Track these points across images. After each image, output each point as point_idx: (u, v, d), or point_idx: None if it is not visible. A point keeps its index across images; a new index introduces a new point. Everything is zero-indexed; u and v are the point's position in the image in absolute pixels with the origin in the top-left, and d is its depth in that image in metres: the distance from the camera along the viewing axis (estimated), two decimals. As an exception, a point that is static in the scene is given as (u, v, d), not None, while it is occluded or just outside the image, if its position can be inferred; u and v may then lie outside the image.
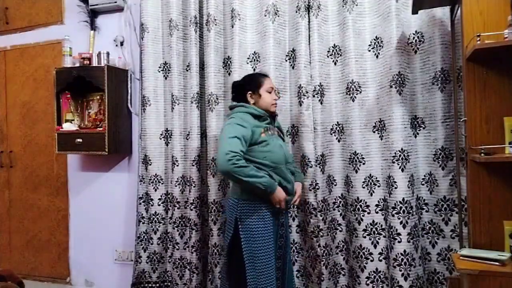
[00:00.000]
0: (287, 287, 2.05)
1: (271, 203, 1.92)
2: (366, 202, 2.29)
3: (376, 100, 2.28)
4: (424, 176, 2.24)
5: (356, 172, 2.31)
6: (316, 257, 2.33)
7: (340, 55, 2.36)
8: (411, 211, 2.12)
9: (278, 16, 2.45)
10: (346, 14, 2.31)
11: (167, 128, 2.78)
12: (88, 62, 2.84)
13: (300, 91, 2.34)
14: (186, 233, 2.64)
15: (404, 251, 2.10)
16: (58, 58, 3.03)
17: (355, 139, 2.31)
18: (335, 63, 2.38)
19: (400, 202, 2.12)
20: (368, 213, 2.28)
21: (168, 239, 2.75)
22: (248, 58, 2.53)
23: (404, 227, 2.11)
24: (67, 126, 2.92)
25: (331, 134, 2.39)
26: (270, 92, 2.05)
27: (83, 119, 2.99)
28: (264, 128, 1.99)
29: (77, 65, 2.87)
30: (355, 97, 2.30)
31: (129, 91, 2.99)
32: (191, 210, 2.60)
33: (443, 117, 2.16)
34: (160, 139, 2.78)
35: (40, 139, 3.33)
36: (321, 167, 2.38)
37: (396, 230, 2.13)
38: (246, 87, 2.07)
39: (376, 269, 2.26)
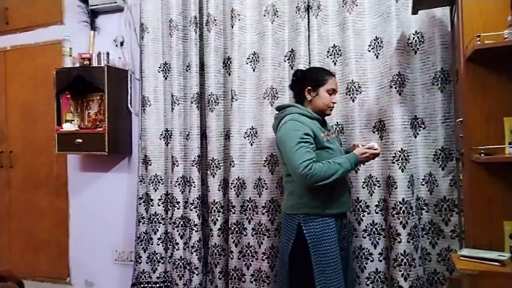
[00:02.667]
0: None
1: (332, 209, 1.83)
2: (366, 203, 2.29)
3: (376, 100, 2.28)
4: (424, 176, 2.24)
5: (356, 172, 2.30)
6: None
7: (340, 55, 2.36)
8: (411, 211, 2.11)
9: (278, 16, 2.45)
10: (346, 14, 2.31)
11: (167, 128, 2.78)
12: (88, 62, 2.84)
13: (300, 91, 2.34)
14: (186, 233, 2.64)
15: (404, 251, 2.10)
16: (58, 58, 3.02)
17: (355, 139, 2.30)
18: (334, 63, 2.38)
19: (400, 202, 2.12)
20: (368, 213, 2.28)
21: (168, 240, 2.75)
22: (248, 58, 2.53)
23: (404, 227, 2.11)
24: (67, 126, 2.91)
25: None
26: (330, 94, 1.89)
27: (83, 120, 2.99)
28: (324, 133, 1.87)
29: (77, 65, 2.87)
30: (355, 97, 2.30)
31: (129, 91, 2.98)
32: (191, 210, 2.60)
33: (443, 118, 2.16)
34: (160, 139, 2.78)
35: (40, 139, 3.33)
36: (321, 167, 2.37)
37: (396, 230, 2.13)
38: (307, 81, 1.90)
39: (376, 269, 2.26)
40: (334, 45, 2.38)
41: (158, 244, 2.76)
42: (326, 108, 1.91)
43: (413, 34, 2.22)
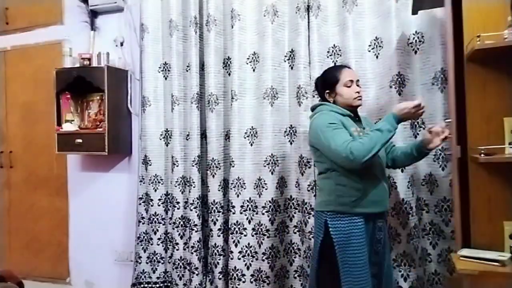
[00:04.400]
0: None
1: (362, 207, 1.73)
2: (366, 203, 2.28)
3: (376, 100, 2.28)
4: (424, 176, 2.23)
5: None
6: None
7: (340, 56, 2.36)
8: (411, 211, 2.11)
9: (278, 16, 2.45)
10: (346, 15, 2.31)
11: (167, 129, 2.78)
12: (88, 62, 2.84)
13: (299, 91, 2.34)
14: (186, 233, 2.64)
15: (404, 251, 2.10)
16: (58, 58, 3.03)
17: (355, 139, 2.30)
18: (334, 64, 2.37)
19: (400, 202, 2.12)
20: (368, 213, 2.27)
21: (168, 240, 2.75)
22: (248, 59, 2.53)
23: (404, 227, 2.11)
24: (67, 127, 2.91)
25: (331, 134, 2.39)
26: (349, 86, 1.81)
27: (83, 120, 2.99)
28: (356, 129, 1.78)
29: (77, 65, 2.88)
30: (355, 97, 2.30)
31: (129, 92, 2.98)
32: (191, 210, 2.60)
33: (443, 118, 2.15)
34: (160, 139, 2.78)
35: (40, 139, 3.33)
36: (321, 167, 2.37)
37: (396, 230, 2.12)
38: (324, 86, 1.87)
39: (376, 269, 2.25)
40: (334, 45, 2.38)
41: (158, 244, 2.76)
42: (352, 100, 1.81)
43: (413, 34, 2.22)
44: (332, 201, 1.76)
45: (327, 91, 1.85)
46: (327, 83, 1.86)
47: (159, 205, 2.76)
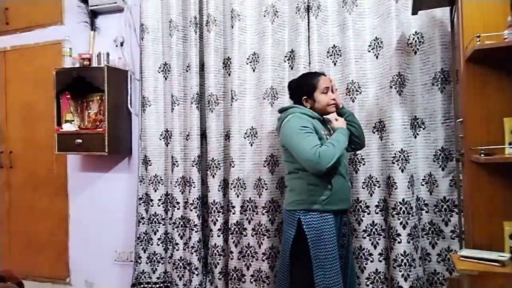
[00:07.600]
0: (349, 286, 1.99)
1: (331, 205, 1.86)
2: (366, 203, 2.29)
3: (376, 100, 2.28)
4: (424, 176, 2.24)
5: (356, 172, 2.31)
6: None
7: (340, 56, 2.36)
8: (411, 211, 2.11)
9: (277, 16, 2.45)
10: (346, 15, 2.31)
11: (167, 129, 2.78)
12: (88, 62, 2.84)
13: (300, 91, 2.34)
14: (186, 233, 2.64)
15: (404, 251, 2.10)
16: (58, 58, 3.02)
17: (355, 139, 2.30)
18: (334, 64, 2.38)
19: (400, 202, 2.12)
20: (368, 213, 2.28)
21: (168, 240, 2.75)
22: (248, 59, 2.53)
23: (404, 227, 2.11)
24: (67, 127, 2.91)
25: (331, 134, 2.39)
26: (326, 92, 1.94)
27: (83, 120, 2.99)
28: (325, 131, 1.92)
29: (77, 65, 2.87)
30: (355, 97, 2.30)
31: (129, 92, 2.99)
32: (191, 210, 2.60)
33: (443, 118, 2.16)
34: (160, 139, 2.78)
35: (40, 139, 3.33)
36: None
37: (396, 230, 2.13)
38: (301, 92, 1.98)
39: (376, 270, 2.26)
40: (334, 45, 2.38)
41: (158, 245, 2.76)
42: (326, 107, 1.96)
43: (413, 35, 2.22)
44: (304, 200, 1.87)
45: (305, 97, 1.97)
46: (305, 90, 1.97)
47: (159, 205, 2.76)
